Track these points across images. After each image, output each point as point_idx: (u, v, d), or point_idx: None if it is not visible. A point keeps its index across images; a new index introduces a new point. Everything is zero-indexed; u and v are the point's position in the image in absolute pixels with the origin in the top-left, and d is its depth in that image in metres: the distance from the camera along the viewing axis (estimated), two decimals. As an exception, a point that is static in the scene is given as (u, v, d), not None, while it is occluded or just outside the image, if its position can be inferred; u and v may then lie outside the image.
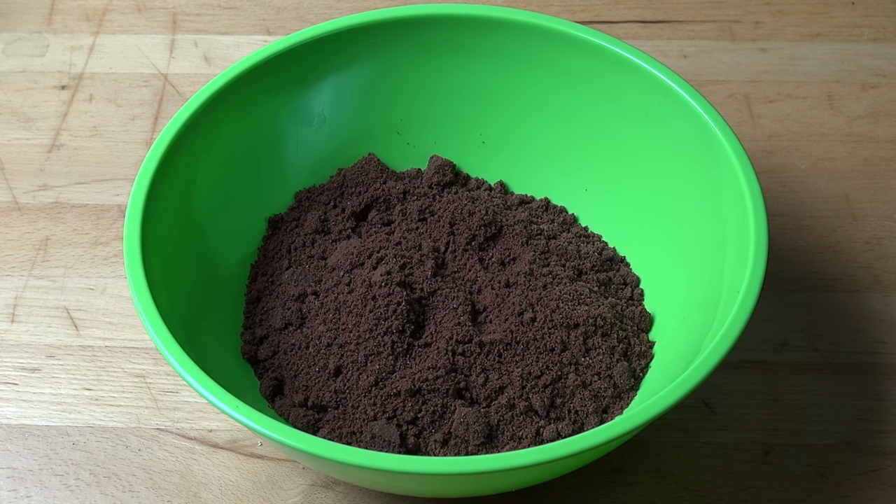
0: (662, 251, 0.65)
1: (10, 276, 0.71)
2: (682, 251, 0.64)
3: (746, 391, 0.65)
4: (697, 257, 0.63)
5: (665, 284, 0.65)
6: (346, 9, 0.86)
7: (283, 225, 0.68)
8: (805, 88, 0.79)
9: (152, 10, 0.86)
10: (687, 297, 0.63)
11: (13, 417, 0.65)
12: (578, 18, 0.82)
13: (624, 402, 0.61)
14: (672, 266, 0.64)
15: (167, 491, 0.62)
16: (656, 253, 0.65)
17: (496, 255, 0.65)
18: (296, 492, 0.62)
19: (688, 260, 0.63)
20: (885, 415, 0.64)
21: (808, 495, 0.62)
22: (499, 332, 0.61)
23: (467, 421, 0.58)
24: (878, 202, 0.73)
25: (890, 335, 0.67)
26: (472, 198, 0.68)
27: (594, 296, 0.63)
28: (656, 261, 0.65)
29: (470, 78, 0.70)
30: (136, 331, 0.68)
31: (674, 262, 0.64)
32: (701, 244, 0.63)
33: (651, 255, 0.66)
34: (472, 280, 0.64)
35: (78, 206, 0.74)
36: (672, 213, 0.65)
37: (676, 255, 0.64)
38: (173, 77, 0.82)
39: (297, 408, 0.61)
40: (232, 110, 0.66)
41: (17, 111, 0.80)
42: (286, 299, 0.64)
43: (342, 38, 0.68)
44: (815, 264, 0.71)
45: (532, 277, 0.63)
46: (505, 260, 0.65)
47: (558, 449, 0.52)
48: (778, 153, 0.76)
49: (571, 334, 0.61)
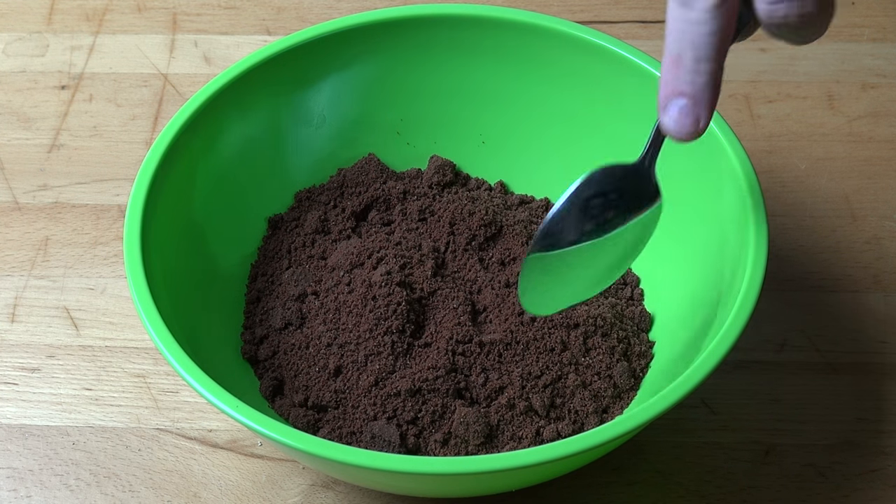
0: (662, 251, 0.65)
1: (10, 276, 0.71)
2: (682, 251, 0.64)
3: (746, 391, 0.65)
4: (697, 257, 0.63)
5: (665, 284, 0.65)
6: (346, 9, 0.86)
7: (283, 225, 0.68)
8: (805, 88, 0.79)
9: (152, 10, 0.86)
10: (687, 297, 0.63)
11: (13, 417, 0.65)
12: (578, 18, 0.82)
13: (624, 402, 0.61)
14: (672, 266, 0.64)
15: (167, 491, 0.62)
16: (656, 253, 0.65)
17: (496, 255, 0.65)
18: (296, 492, 0.62)
19: (688, 260, 0.63)
20: (885, 415, 0.64)
21: (808, 495, 0.62)
22: (499, 332, 0.61)
23: (467, 421, 0.58)
24: (878, 202, 0.73)
25: (890, 335, 0.67)
26: (472, 198, 0.68)
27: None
28: (656, 261, 0.65)
29: (470, 78, 0.70)
30: (136, 331, 0.68)
31: (674, 262, 0.64)
32: (701, 244, 0.63)
33: (651, 255, 0.66)
34: (472, 280, 0.64)
35: (78, 206, 0.74)
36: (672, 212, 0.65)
37: (676, 255, 0.64)
38: (173, 77, 0.82)
39: (297, 408, 0.61)
40: (232, 110, 0.66)
41: (17, 111, 0.80)
42: (286, 299, 0.64)
43: (342, 38, 0.68)
44: (815, 264, 0.71)
45: (532, 277, 0.63)
46: (505, 260, 0.65)
47: (558, 449, 0.52)
48: (778, 153, 0.76)
49: (571, 334, 0.61)
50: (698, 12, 0.49)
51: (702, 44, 0.50)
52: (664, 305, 0.64)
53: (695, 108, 0.51)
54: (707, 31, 0.49)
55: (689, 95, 0.50)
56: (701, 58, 0.50)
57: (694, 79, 0.50)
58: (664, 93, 0.51)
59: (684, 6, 0.49)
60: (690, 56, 0.50)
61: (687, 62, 0.50)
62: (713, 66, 0.50)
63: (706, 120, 0.51)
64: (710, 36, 0.49)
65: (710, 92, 0.50)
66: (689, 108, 0.51)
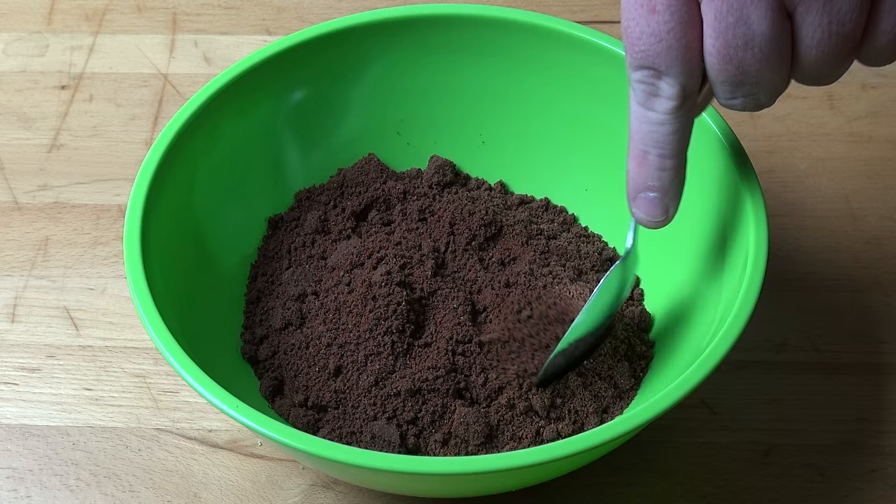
0: (662, 251, 0.65)
1: (10, 276, 0.71)
2: (682, 251, 0.64)
3: (746, 391, 0.65)
4: (697, 257, 0.63)
5: (665, 284, 0.65)
6: (346, 9, 0.86)
7: (283, 225, 0.68)
8: (805, 88, 0.79)
9: (152, 10, 0.86)
10: (687, 297, 0.63)
11: (13, 417, 0.65)
12: (578, 18, 0.82)
13: (624, 402, 0.61)
14: (672, 266, 0.64)
15: (167, 491, 0.62)
16: (656, 253, 0.65)
17: (496, 255, 0.65)
18: (296, 492, 0.62)
19: (688, 260, 0.63)
20: (885, 415, 0.64)
21: (808, 495, 0.62)
22: (498, 332, 0.61)
23: (467, 421, 0.58)
24: (878, 202, 0.73)
25: (890, 335, 0.67)
26: (472, 198, 0.68)
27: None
28: (656, 261, 0.65)
29: (470, 78, 0.70)
30: (136, 331, 0.68)
31: (674, 262, 0.64)
32: (701, 244, 0.63)
33: (651, 255, 0.66)
34: (472, 280, 0.64)
35: (78, 206, 0.74)
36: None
37: (676, 255, 0.64)
38: (173, 77, 0.82)
39: (297, 408, 0.61)
40: (232, 110, 0.66)
41: (17, 111, 0.80)
42: (286, 299, 0.64)
43: (342, 38, 0.68)
44: (815, 264, 0.71)
45: (532, 277, 0.63)
46: (505, 260, 0.65)
47: (558, 449, 0.52)
48: (778, 153, 0.76)
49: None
50: (659, 114, 0.52)
51: (665, 142, 0.53)
52: (664, 305, 0.64)
53: (663, 200, 0.55)
54: (669, 130, 0.53)
55: (657, 189, 0.55)
56: (665, 155, 0.54)
57: (660, 175, 0.54)
58: (632, 187, 0.55)
59: (646, 108, 0.53)
60: (655, 154, 0.54)
61: (652, 159, 0.54)
62: (676, 162, 0.54)
63: (674, 209, 0.56)
64: (672, 135, 0.53)
65: (676, 185, 0.55)
66: (658, 200, 0.55)
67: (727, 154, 0.61)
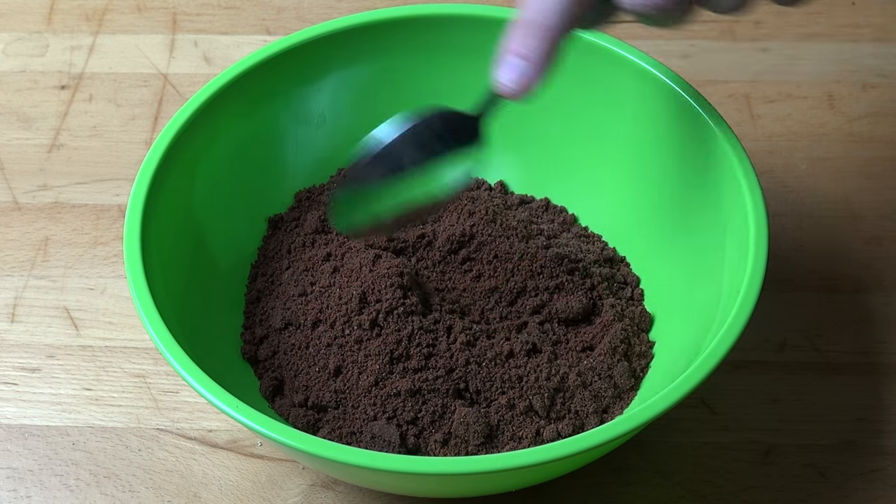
0: (662, 251, 0.65)
1: (10, 276, 0.71)
2: (682, 251, 0.64)
3: (746, 391, 0.65)
4: (697, 257, 0.63)
5: (665, 284, 0.65)
6: (346, 9, 0.86)
7: (283, 225, 0.68)
8: (805, 88, 0.79)
9: (152, 10, 0.86)
10: (687, 297, 0.63)
11: (13, 417, 0.65)
12: (578, 18, 0.82)
13: (624, 402, 0.61)
14: (672, 266, 0.64)
15: (167, 491, 0.62)
16: (656, 253, 0.65)
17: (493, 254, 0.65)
18: (296, 492, 0.62)
19: (688, 260, 0.63)
20: (885, 415, 0.64)
21: (808, 495, 0.62)
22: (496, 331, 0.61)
23: (467, 421, 0.58)
24: (878, 202, 0.73)
25: (890, 335, 0.67)
26: (472, 198, 0.68)
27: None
28: (656, 261, 0.65)
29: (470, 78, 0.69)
30: (136, 331, 0.68)
31: (674, 263, 0.64)
32: (701, 244, 0.63)
33: (651, 255, 0.66)
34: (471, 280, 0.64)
35: (78, 206, 0.74)
36: (672, 212, 0.65)
37: (676, 255, 0.64)
38: (173, 77, 0.82)
39: (297, 408, 0.61)
40: (232, 110, 0.66)
41: (17, 111, 0.80)
42: (286, 299, 0.64)
43: (342, 38, 0.68)
44: (815, 264, 0.71)
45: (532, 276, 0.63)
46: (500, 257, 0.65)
47: (558, 449, 0.52)
48: (778, 153, 0.76)
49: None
50: None
51: (552, 14, 0.54)
52: (664, 305, 0.64)
53: (530, 70, 0.54)
54: (561, 8, 0.54)
55: (530, 60, 0.54)
56: (549, 27, 0.54)
57: (540, 45, 0.54)
58: (505, 49, 0.55)
59: None
60: (539, 23, 0.54)
61: (535, 29, 0.54)
62: (557, 35, 0.54)
63: (537, 84, 0.55)
64: (562, 5, 0.54)
65: (548, 60, 0.54)
66: (524, 69, 0.54)
67: (727, 154, 0.61)
